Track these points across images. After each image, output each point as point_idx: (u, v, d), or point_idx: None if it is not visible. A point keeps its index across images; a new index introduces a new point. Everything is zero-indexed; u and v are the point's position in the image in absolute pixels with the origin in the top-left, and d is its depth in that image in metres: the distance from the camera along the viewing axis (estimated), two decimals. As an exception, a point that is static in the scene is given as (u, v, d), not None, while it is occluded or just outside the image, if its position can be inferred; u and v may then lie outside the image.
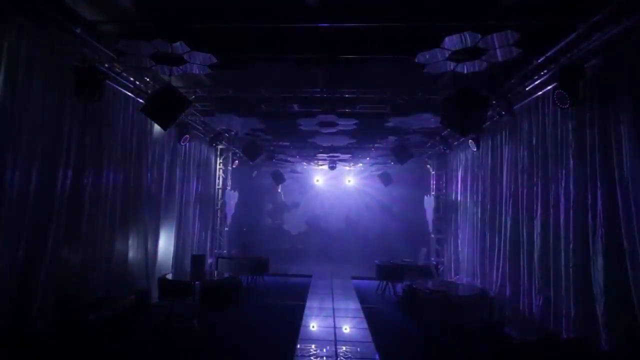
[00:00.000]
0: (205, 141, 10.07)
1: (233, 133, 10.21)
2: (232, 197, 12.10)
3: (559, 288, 5.28)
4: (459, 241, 9.78)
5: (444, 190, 11.37)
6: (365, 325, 6.79)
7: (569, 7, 4.08)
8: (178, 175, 8.59)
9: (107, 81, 5.58)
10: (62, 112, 4.97)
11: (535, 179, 6.04)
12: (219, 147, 11.17)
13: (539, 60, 5.16)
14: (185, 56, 5.25)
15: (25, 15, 4.16)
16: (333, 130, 9.03)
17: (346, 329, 6.74)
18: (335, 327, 6.71)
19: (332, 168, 14.53)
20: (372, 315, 7.42)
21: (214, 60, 5.34)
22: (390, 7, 4.32)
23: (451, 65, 5.34)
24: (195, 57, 5.27)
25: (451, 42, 4.68)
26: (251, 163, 11.07)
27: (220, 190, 11.75)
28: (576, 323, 4.92)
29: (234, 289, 7.00)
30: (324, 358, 5.29)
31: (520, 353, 5.50)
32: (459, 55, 5.03)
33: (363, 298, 8.91)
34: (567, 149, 5.25)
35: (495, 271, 7.37)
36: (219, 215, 11.62)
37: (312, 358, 5.29)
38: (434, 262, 10.76)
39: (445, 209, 11.14)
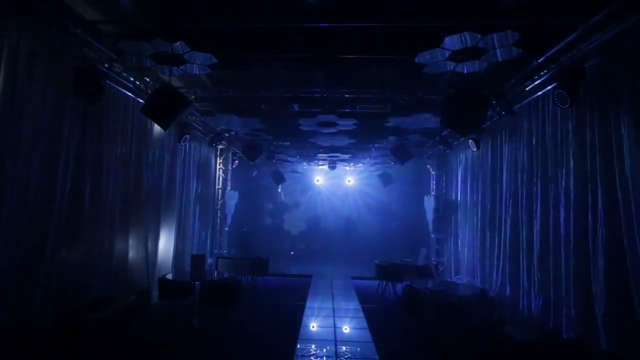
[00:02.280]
0: (205, 141, 10.07)
1: (233, 133, 10.22)
2: (232, 197, 12.10)
3: (559, 288, 5.28)
4: (459, 241, 9.79)
5: (444, 190, 11.37)
6: (365, 325, 6.79)
7: (569, 7, 4.08)
8: (178, 176, 8.59)
9: (107, 81, 5.58)
10: (62, 112, 4.96)
11: (535, 179, 6.05)
12: (219, 147, 11.18)
13: (539, 60, 5.16)
14: (185, 56, 5.25)
15: (25, 15, 4.16)
16: (333, 130, 9.03)
17: (346, 329, 6.74)
18: (335, 327, 6.71)
19: (332, 168, 14.54)
20: (372, 315, 7.41)
21: (214, 60, 5.34)
22: (390, 7, 4.32)
23: (451, 65, 5.34)
24: (195, 57, 5.27)
25: (451, 42, 4.68)
26: (251, 163, 11.07)
27: (220, 190, 11.76)
28: (576, 323, 4.93)
29: (234, 289, 7.00)
30: (324, 358, 5.29)
31: (520, 353, 5.50)
32: (459, 55, 5.03)
33: (363, 298, 8.91)
34: (567, 149, 5.25)
35: (495, 271, 7.37)
36: (219, 215, 11.62)
37: (312, 358, 5.29)
38: (434, 262, 10.76)
39: (445, 209, 11.14)
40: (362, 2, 4.28)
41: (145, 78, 6.34)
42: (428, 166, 11.93)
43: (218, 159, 11.69)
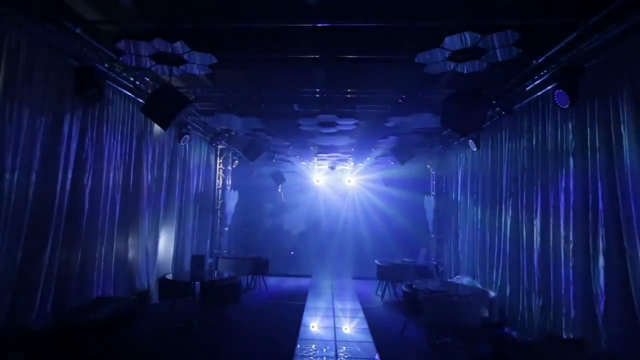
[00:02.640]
0: (205, 141, 10.07)
1: (233, 133, 10.21)
2: (232, 197, 12.10)
3: (559, 288, 5.28)
4: (459, 241, 9.78)
5: (444, 190, 11.37)
6: (366, 325, 6.80)
7: (569, 7, 4.08)
8: (178, 175, 8.59)
9: (107, 81, 5.59)
10: (62, 112, 4.96)
11: (535, 179, 6.04)
12: (219, 147, 11.18)
13: (539, 60, 5.15)
14: (185, 56, 5.25)
15: (25, 15, 4.16)
16: (333, 130, 9.02)
17: (346, 329, 6.74)
18: (335, 327, 6.71)
19: (332, 168, 14.53)
20: (372, 315, 7.42)
21: (214, 60, 5.34)
22: (391, 7, 4.32)
23: (451, 65, 5.34)
24: (195, 57, 5.27)
25: (451, 42, 4.68)
26: (251, 163, 11.07)
27: (220, 190, 11.76)
28: (576, 323, 4.93)
29: (234, 289, 7.00)
30: (324, 358, 5.29)
31: (520, 353, 5.50)
32: (459, 55, 5.03)
33: (363, 298, 8.92)
34: (567, 149, 5.25)
35: (495, 271, 7.37)
36: (218, 215, 11.62)
37: (312, 358, 5.29)
38: (434, 262, 10.76)
39: (445, 209, 11.13)
40: (362, 2, 4.28)
41: (145, 78, 6.34)
42: (428, 166, 11.93)
43: (218, 159, 11.69)
